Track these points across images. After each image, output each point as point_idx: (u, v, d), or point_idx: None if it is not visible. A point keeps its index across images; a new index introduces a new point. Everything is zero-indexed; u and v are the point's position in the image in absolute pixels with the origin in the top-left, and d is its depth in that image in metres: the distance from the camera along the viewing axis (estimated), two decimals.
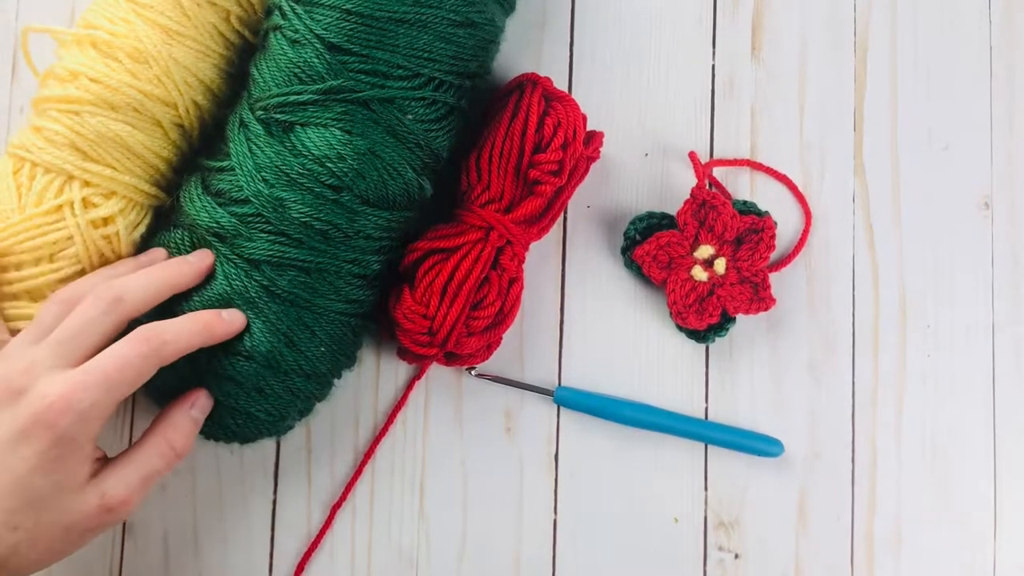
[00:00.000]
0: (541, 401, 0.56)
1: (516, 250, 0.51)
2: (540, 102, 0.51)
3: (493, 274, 0.50)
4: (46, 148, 0.48)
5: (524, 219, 0.51)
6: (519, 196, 0.51)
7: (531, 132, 0.50)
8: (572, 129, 0.51)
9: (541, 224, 0.53)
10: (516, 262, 0.51)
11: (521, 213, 0.51)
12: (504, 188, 0.51)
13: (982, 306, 0.58)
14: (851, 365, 0.57)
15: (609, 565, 0.55)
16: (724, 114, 0.58)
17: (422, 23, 0.47)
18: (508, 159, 0.51)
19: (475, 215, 0.51)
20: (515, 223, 0.51)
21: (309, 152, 0.47)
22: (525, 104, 0.51)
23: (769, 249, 0.55)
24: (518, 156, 0.51)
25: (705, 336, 0.55)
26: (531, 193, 0.51)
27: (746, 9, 0.59)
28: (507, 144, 0.51)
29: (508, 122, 0.51)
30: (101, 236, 0.48)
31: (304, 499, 0.55)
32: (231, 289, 0.47)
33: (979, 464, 0.57)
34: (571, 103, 0.51)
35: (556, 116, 0.50)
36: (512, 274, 0.51)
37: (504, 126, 0.51)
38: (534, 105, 0.50)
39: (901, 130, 0.59)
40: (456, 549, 0.55)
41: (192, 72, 0.50)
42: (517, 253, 0.51)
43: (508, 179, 0.51)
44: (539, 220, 0.52)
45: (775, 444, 0.55)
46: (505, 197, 0.51)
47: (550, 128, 0.50)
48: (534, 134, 0.50)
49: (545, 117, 0.51)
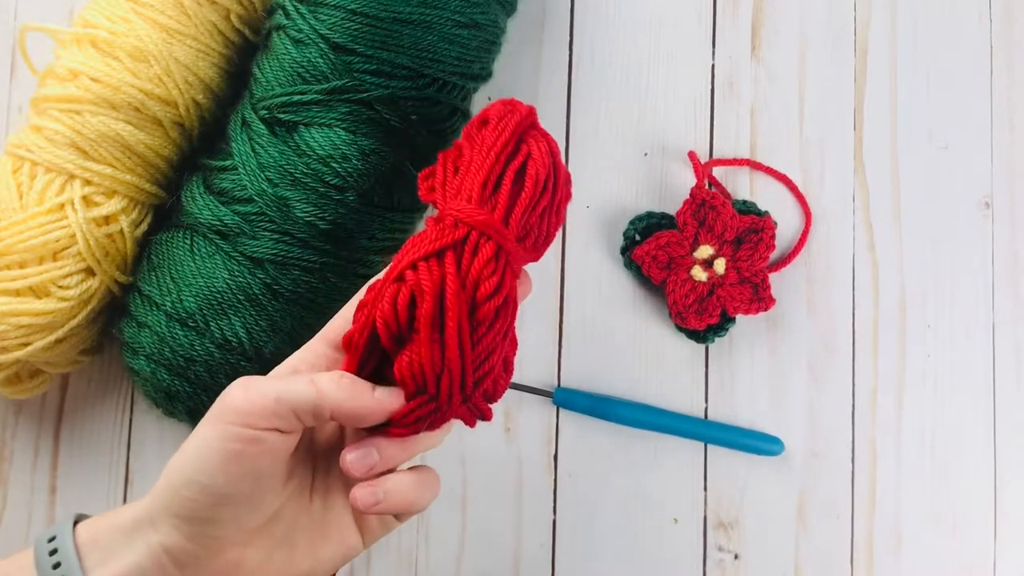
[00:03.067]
0: (540, 402, 0.56)
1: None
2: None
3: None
4: (47, 147, 0.48)
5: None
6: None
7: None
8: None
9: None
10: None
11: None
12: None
13: (982, 306, 0.58)
14: (851, 365, 0.57)
15: (609, 565, 0.55)
16: (724, 114, 0.58)
17: (427, 24, 0.47)
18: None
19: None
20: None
21: (313, 152, 0.47)
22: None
23: (769, 249, 0.55)
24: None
25: (705, 336, 0.55)
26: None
27: (746, 9, 0.59)
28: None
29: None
30: (104, 234, 0.48)
31: None
32: (234, 286, 0.47)
33: (979, 464, 0.57)
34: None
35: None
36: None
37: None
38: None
39: (901, 130, 0.59)
40: (456, 549, 0.55)
41: (192, 71, 0.50)
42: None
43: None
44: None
45: (775, 442, 0.55)
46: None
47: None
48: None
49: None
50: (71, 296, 0.48)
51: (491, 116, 0.39)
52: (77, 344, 0.50)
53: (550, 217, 0.39)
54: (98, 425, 0.55)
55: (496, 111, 0.39)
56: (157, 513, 0.34)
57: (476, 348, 0.36)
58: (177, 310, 0.47)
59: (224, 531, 0.35)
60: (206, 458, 0.34)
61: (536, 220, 0.38)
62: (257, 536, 0.36)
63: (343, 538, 0.38)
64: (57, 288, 0.47)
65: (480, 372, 0.36)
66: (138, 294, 0.49)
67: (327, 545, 0.38)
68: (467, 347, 0.35)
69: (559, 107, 0.58)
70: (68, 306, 0.48)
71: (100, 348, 0.53)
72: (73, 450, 0.55)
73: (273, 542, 0.37)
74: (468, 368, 0.35)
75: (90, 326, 0.50)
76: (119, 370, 0.55)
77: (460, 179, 0.37)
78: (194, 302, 0.47)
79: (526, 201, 0.37)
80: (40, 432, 0.55)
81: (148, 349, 0.48)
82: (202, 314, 0.47)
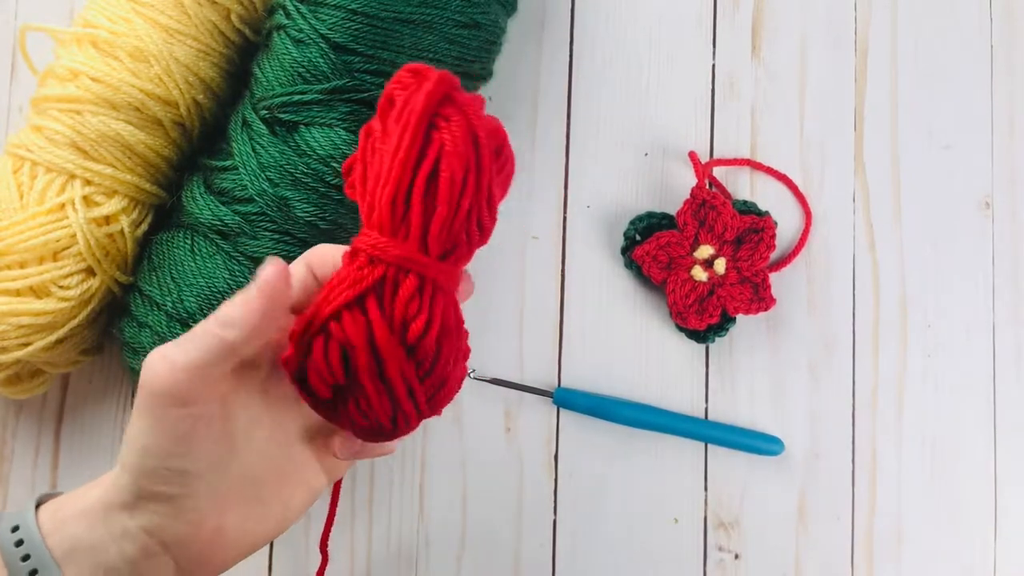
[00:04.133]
0: (541, 402, 0.56)
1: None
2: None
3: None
4: (47, 147, 0.48)
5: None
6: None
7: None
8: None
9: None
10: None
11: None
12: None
13: (982, 306, 0.58)
14: (851, 365, 0.57)
15: (609, 565, 0.55)
16: (724, 114, 0.58)
17: (427, 24, 0.47)
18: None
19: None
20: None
21: (314, 152, 0.47)
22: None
23: (769, 249, 0.55)
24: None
25: (705, 336, 0.55)
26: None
27: (746, 9, 0.59)
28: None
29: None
30: (105, 234, 0.48)
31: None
32: (235, 286, 0.47)
33: (979, 464, 0.57)
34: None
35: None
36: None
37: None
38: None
39: (901, 130, 0.59)
40: (456, 549, 0.55)
41: (193, 71, 0.50)
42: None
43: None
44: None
45: (775, 442, 0.55)
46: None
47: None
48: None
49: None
50: (71, 296, 0.48)
51: (396, 99, 0.34)
52: (77, 344, 0.50)
53: (480, 209, 0.34)
54: (98, 425, 0.55)
55: (400, 86, 0.34)
56: (131, 499, 0.34)
57: (426, 381, 0.34)
58: (178, 310, 0.47)
59: (200, 502, 0.35)
60: (159, 446, 0.33)
61: (462, 224, 0.33)
62: (231, 501, 0.36)
63: (308, 482, 0.39)
64: (57, 288, 0.47)
65: (436, 400, 0.35)
66: (139, 294, 0.49)
67: (295, 491, 0.38)
68: (415, 385, 0.34)
69: (559, 107, 0.58)
70: (68, 306, 0.48)
71: (100, 348, 0.53)
72: (73, 450, 0.55)
73: (246, 502, 0.37)
74: (421, 400, 0.34)
75: (90, 326, 0.50)
76: (119, 370, 0.55)
77: (372, 186, 0.33)
78: (195, 302, 0.47)
79: (444, 213, 0.33)
80: (40, 432, 0.55)
81: (149, 349, 0.48)
82: (203, 314, 0.47)
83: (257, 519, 0.37)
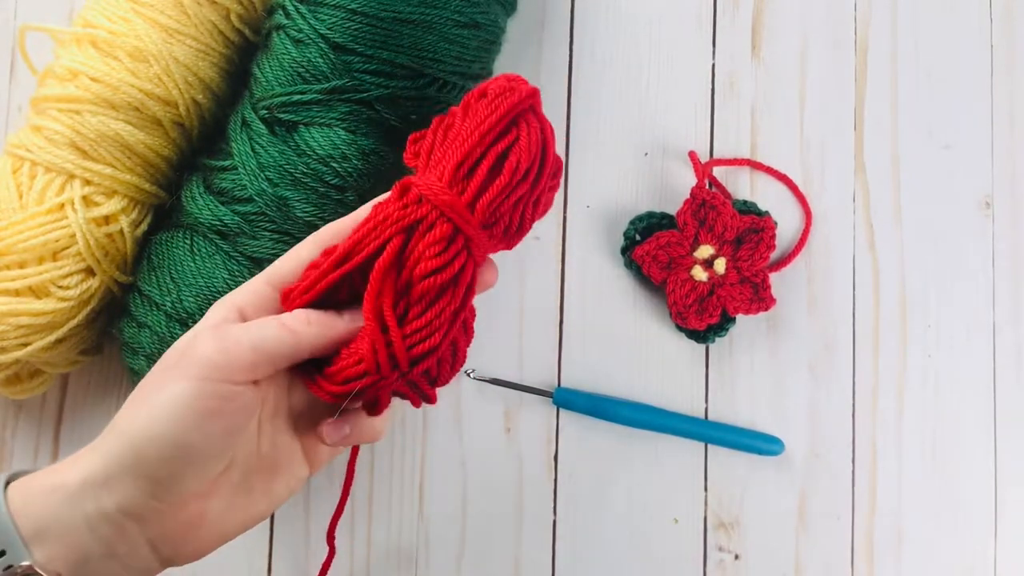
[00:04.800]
0: (540, 402, 0.56)
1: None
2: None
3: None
4: (47, 147, 0.48)
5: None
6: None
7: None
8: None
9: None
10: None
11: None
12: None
13: (982, 306, 0.58)
14: (851, 365, 0.57)
15: (609, 565, 0.55)
16: (724, 114, 0.58)
17: (427, 24, 0.47)
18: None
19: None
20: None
21: (313, 152, 0.47)
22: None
23: (769, 249, 0.55)
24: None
25: (705, 336, 0.55)
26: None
27: (746, 9, 0.59)
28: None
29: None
30: (104, 234, 0.48)
31: (302, 499, 0.55)
32: (234, 286, 0.47)
33: (979, 464, 0.57)
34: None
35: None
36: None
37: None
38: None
39: (901, 129, 0.59)
40: (456, 549, 0.55)
41: (192, 71, 0.50)
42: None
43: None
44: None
45: (775, 442, 0.55)
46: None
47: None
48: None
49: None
50: (71, 296, 0.48)
51: (490, 91, 0.37)
52: (77, 344, 0.50)
53: (526, 207, 0.38)
54: (98, 425, 0.55)
55: (496, 87, 0.37)
56: (113, 473, 0.33)
57: (410, 324, 0.35)
58: (177, 310, 0.47)
59: (188, 486, 0.34)
60: (180, 417, 0.32)
61: (509, 208, 0.37)
62: (217, 486, 0.36)
63: (293, 471, 0.39)
64: (57, 288, 0.47)
65: (417, 350, 0.35)
66: (138, 294, 0.49)
67: (280, 481, 0.38)
68: (391, 323, 0.35)
69: (559, 107, 0.58)
70: (68, 306, 0.48)
71: (100, 348, 0.53)
72: (73, 450, 0.54)
73: (232, 489, 0.36)
74: (397, 343, 0.35)
75: (90, 326, 0.50)
76: (119, 370, 0.55)
77: (442, 151, 0.37)
78: (194, 302, 0.47)
79: (499, 188, 0.36)
80: (40, 432, 0.55)
81: (148, 349, 0.48)
82: (202, 314, 0.47)
83: (240, 508, 0.37)
